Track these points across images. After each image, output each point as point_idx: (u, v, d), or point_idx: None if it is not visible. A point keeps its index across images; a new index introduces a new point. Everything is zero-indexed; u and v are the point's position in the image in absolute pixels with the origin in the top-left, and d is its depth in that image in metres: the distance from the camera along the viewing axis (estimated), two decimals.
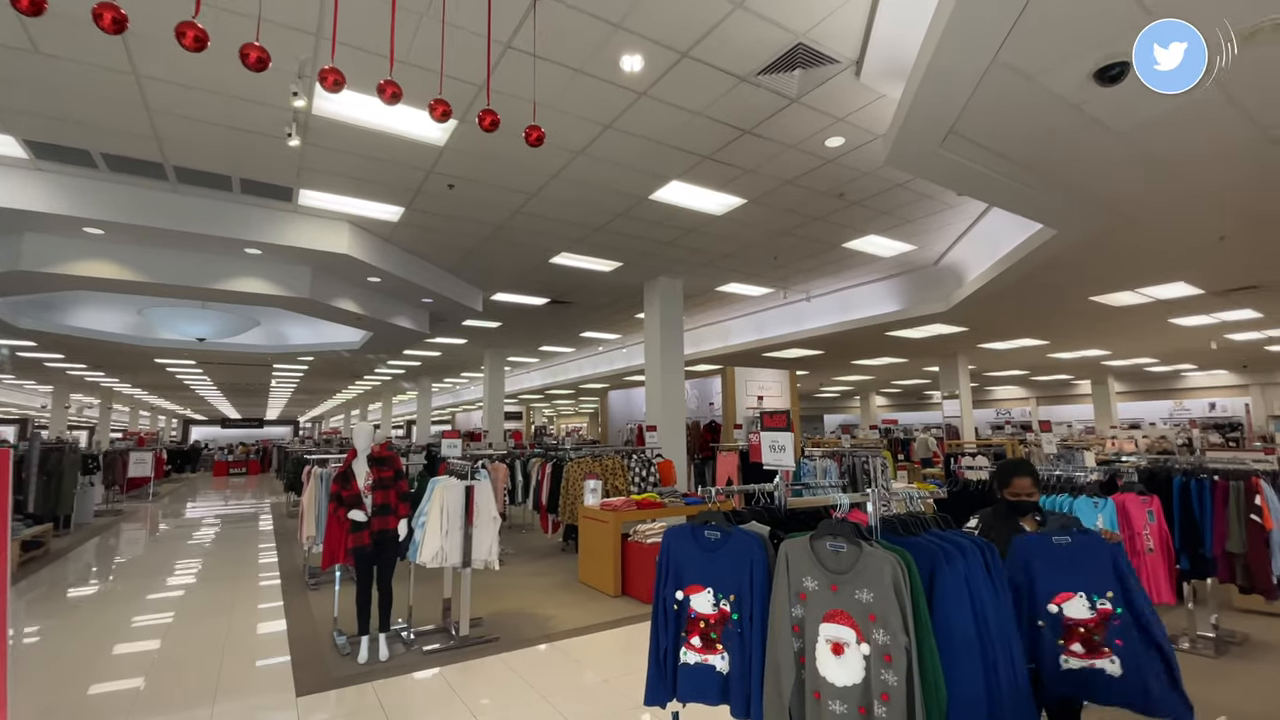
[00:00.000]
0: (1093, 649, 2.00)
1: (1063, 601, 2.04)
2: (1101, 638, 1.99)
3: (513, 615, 5.10)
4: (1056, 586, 2.05)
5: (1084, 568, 2.04)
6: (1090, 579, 2.03)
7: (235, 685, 3.83)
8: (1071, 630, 2.03)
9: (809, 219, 6.84)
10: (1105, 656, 1.98)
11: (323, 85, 2.43)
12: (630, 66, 4.03)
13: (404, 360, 16.87)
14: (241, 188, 5.88)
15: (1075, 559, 2.06)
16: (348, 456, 4.39)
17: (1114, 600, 2.00)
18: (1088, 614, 2.01)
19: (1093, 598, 2.01)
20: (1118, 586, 2.00)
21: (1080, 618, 2.02)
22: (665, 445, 8.39)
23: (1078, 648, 2.02)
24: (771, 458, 2.69)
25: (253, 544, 8.69)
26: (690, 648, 2.02)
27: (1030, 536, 2.19)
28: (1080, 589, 2.03)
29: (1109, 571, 2.02)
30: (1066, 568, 2.06)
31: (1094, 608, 2.00)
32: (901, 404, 30.00)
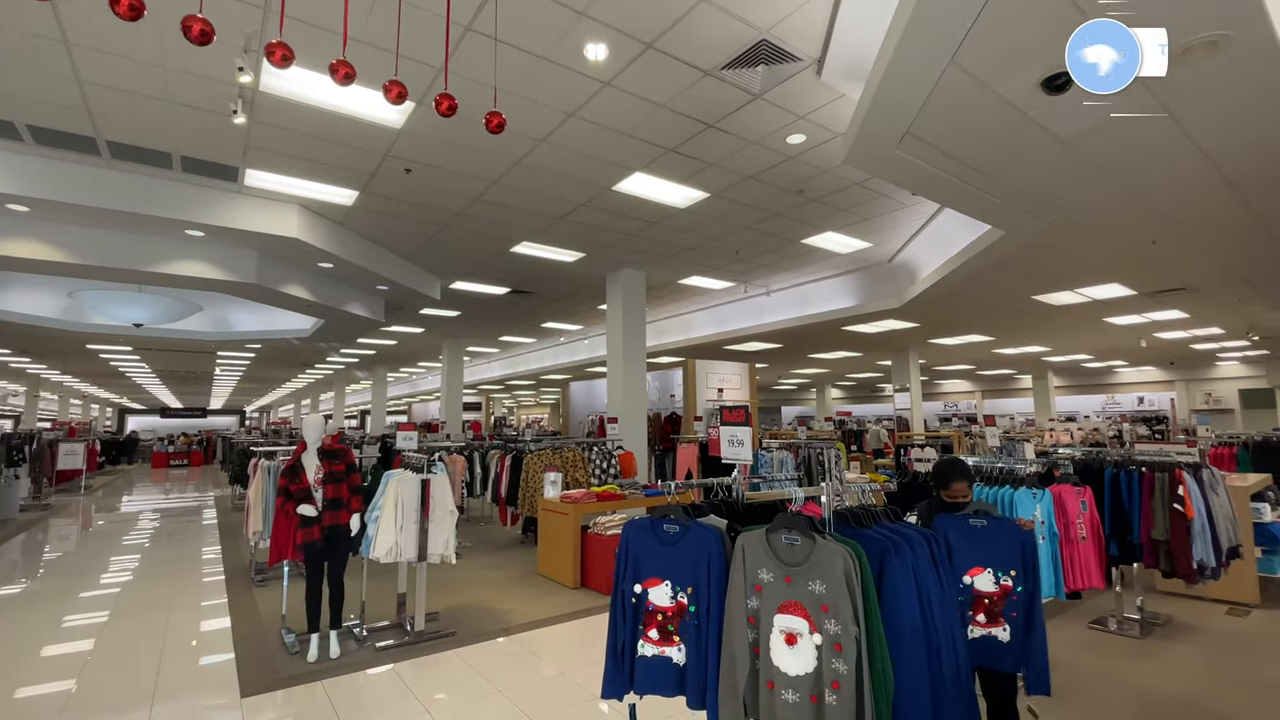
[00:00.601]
0: (992, 619, 2.25)
1: (975, 575, 2.27)
2: (1000, 609, 2.24)
3: (470, 609, 5.05)
4: (971, 562, 2.27)
5: (995, 548, 2.27)
6: (999, 558, 2.26)
7: (175, 685, 3.68)
8: (978, 601, 2.26)
9: (770, 214, 6.92)
10: (1000, 625, 2.24)
11: (270, 61, 2.32)
12: (594, 55, 3.98)
13: (358, 349, 16.39)
14: (183, 166, 5.58)
15: (988, 539, 2.28)
16: (297, 449, 4.25)
17: (1016, 579, 2.24)
18: (993, 588, 2.25)
19: (998, 574, 2.25)
20: (1020, 567, 2.24)
21: (987, 590, 2.25)
22: (626, 437, 8.41)
23: (981, 618, 2.26)
24: (730, 452, 2.72)
25: (195, 539, 8.34)
26: (648, 640, 2.04)
27: (951, 516, 2.40)
28: (990, 565, 2.26)
29: (1017, 553, 2.26)
30: (980, 546, 2.28)
31: (998, 583, 2.25)
32: (856, 396, 30.86)
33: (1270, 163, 4.38)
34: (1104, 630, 4.43)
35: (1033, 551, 2.28)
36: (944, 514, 2.43)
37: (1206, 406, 20.30)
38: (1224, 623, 4.62)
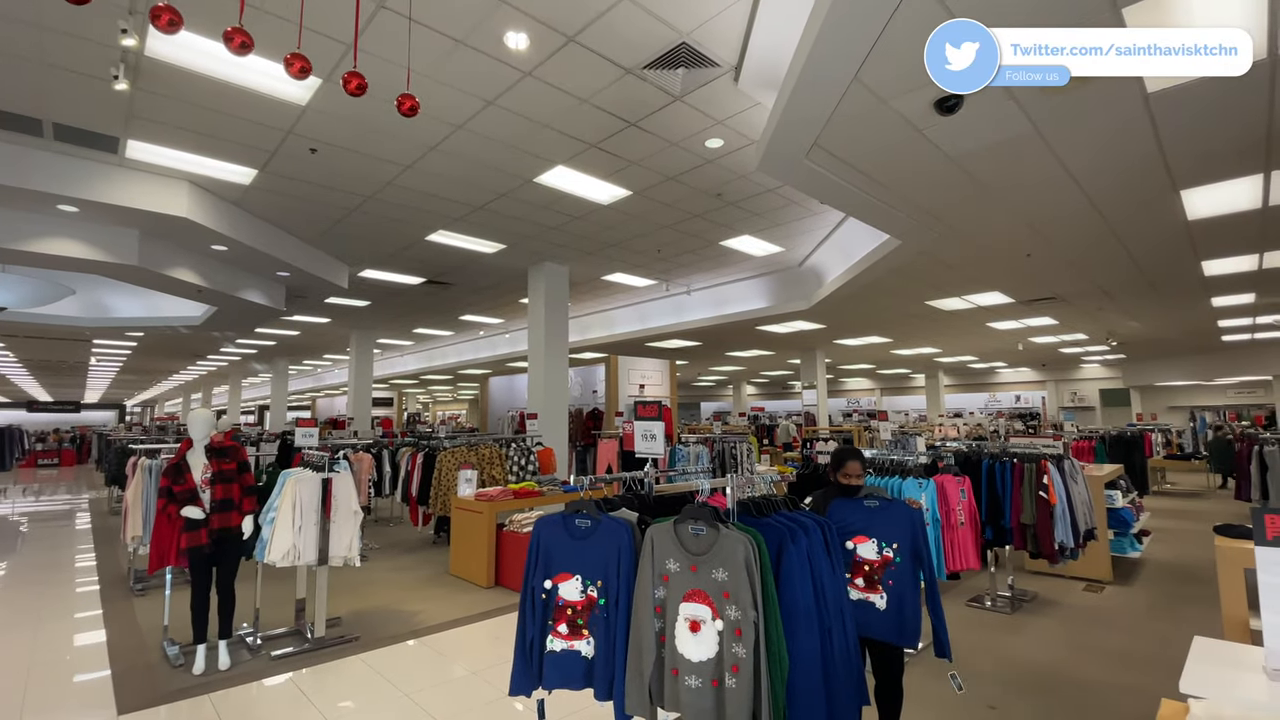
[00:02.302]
0: (870, 585, 2.46)
1: (859, 543, 2.49)
2: (879, 577, 2.46)
3: (376, 612, 4.86)
4: (857, 531, 2.51)
5: (883, 524, 2.50)
6: (885, 532, 2.49)
7: (45, 705, 3.32)
8: (859, 567, 2.49)
9: (690, 215, 7.08)
10: (877, 592, 2.45)
11: (155, 24, 2.15)
12: (515, 44, 3.92)
13: (256, 339, 15.27)
14: (55, 134, 4.98)
15: (878, 516, 2.51)
16: (181, 446, 3.92)
17: (898, 551, 2.46)
18: (874, 556, 2.47)
19: (881, 545, 2.48)
20: (906, 542, 2.47)
21: (868, 558, 2.48)
22: (547, 433, 8.34)
23: (860, 582, 2.48)
24: (643, 446, 2.78)
25: (67, 545, 7.51)
26: (557, 635, 2.06)
27: (847, 500, 2.62)
28: (874, 536, 2.49)
29: (905, 530, 2.48)
30: (869, 521, 2.51)
31: (880, 553, 2.47)
32: (769, 393, 32.10)
33: (1127, 186, 4.96)
34: (980, 607, 4.88)
35: (921, 529, 2.50)
36: (841, 499, 2.61)
37: (1072, 404, 22.73)
38: (1082, 598, 5.20)
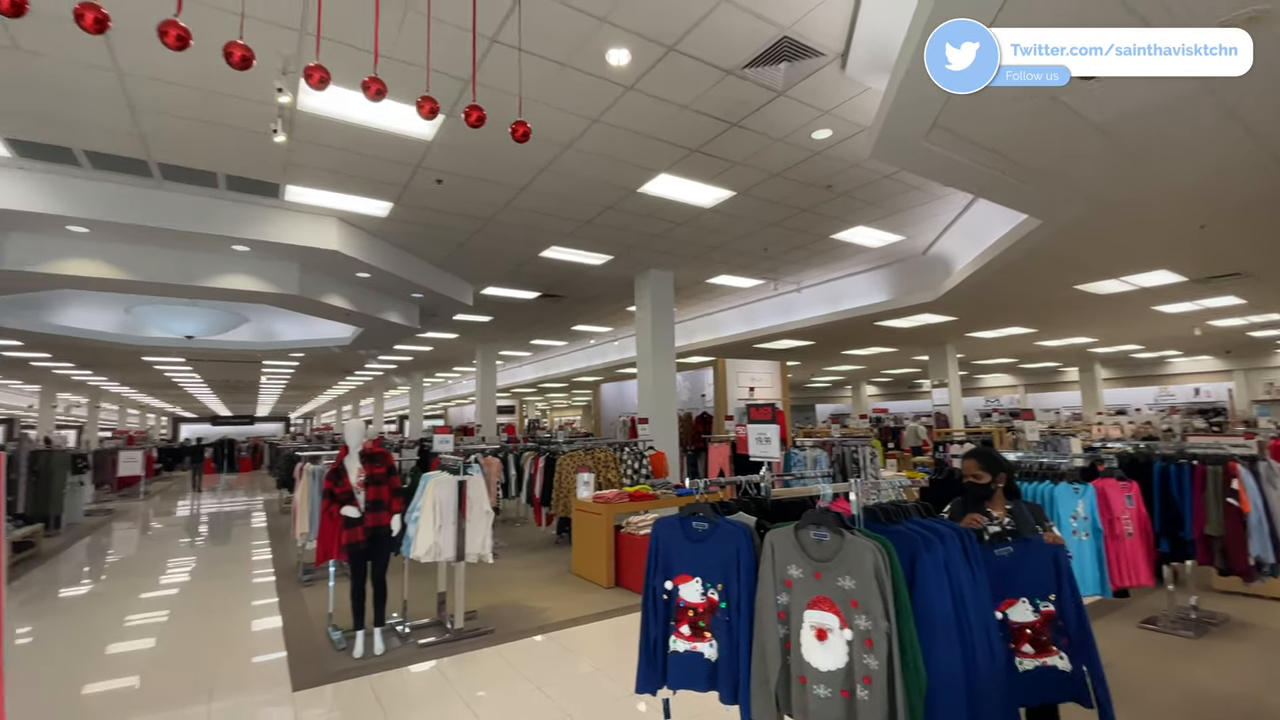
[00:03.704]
0: (1041, 648, 2.05)
1: (1007, 608, 2.07)
2: (1048, 637, 2.05)
3: (507, 608, 5.15)
4: (1001, 595, 2.07)
5: (1025, 574, 2.08)
6: (1032, 584, 2.07)
7: (231, 682, 3.85)
8: (1019, 633, 2.07)
9: (797, 211, 6.88)
10: (1054, 654, 2.04)
11: (308, 83, 2.43)
12: (617, 60, 4.03)
13: (395, 355, 16.81)
14: (227, 184, 5.84)
15: (1017, 567, 2.09)
16: (339, 453, 4.41)
17: (1055, 602, 2.05)
18: (1032, 616, 2.06)
19: (1035, 601, 2.06)
20: (1058, 588, 2.06)
21: (1025, 620, 2.06)
22: (657, 437, 8.44)
23: (1028, 649, 2.07)
24: (758, 449, 2.73)
25: (246, 541, 8.69)
26: (679, 636, 2.07)
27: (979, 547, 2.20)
28: (1022, 594, 2.07)
29: (1050, 575, 2.07)
30: (1009, 576, 2.08)
31: (1037, 610, 2.06)
32: (892, 393, 30.24)
33: None
34: (1155, 630, 4.27)
35: (1068, 567, 2.10)
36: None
37: (1268, 397, 19.28)
38: None
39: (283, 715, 3.40)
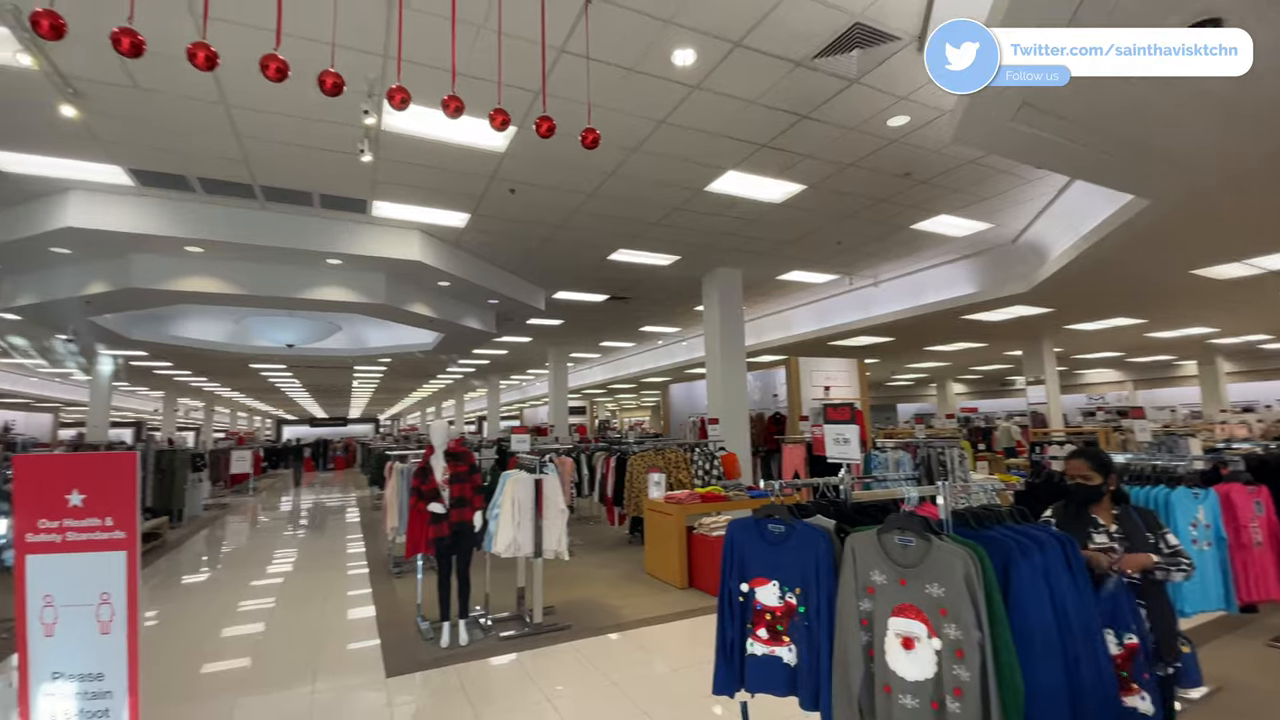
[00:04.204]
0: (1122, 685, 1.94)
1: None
2: (1129, 673, 1.96)
3: (583, 604, 5.24)
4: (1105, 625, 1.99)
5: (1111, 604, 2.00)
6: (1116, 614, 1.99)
7: (331, 666, 4.13)
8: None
9: (874, 201, 6.62)
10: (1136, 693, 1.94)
11: (390, 104, 2.58)
12: (682, 61, 4.02)
13: (473, 359, 17.50)
14: (321, 203, 6.28)
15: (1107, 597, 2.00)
16: (426, 452, 4.64)
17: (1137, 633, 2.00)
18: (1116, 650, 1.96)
19: (1120, 633, 1.98)
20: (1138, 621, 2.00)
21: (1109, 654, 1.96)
22: (728, 438, 8.35)
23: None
24: (836, 450, 2.65)
25: (342, 535, 9.30)
26: (757, 639, 2.04)
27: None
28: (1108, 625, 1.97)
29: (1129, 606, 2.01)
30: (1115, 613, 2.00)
31: (1121, 643, 1.97)
32: (982, 391, 28.52)
33: None
34: None
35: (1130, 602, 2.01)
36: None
37: None
38: None
39: (378, 699, 3.61)
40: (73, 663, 2.00)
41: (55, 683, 1.99)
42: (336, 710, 3.50)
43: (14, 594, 2.02)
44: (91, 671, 2.01)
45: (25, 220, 5.98)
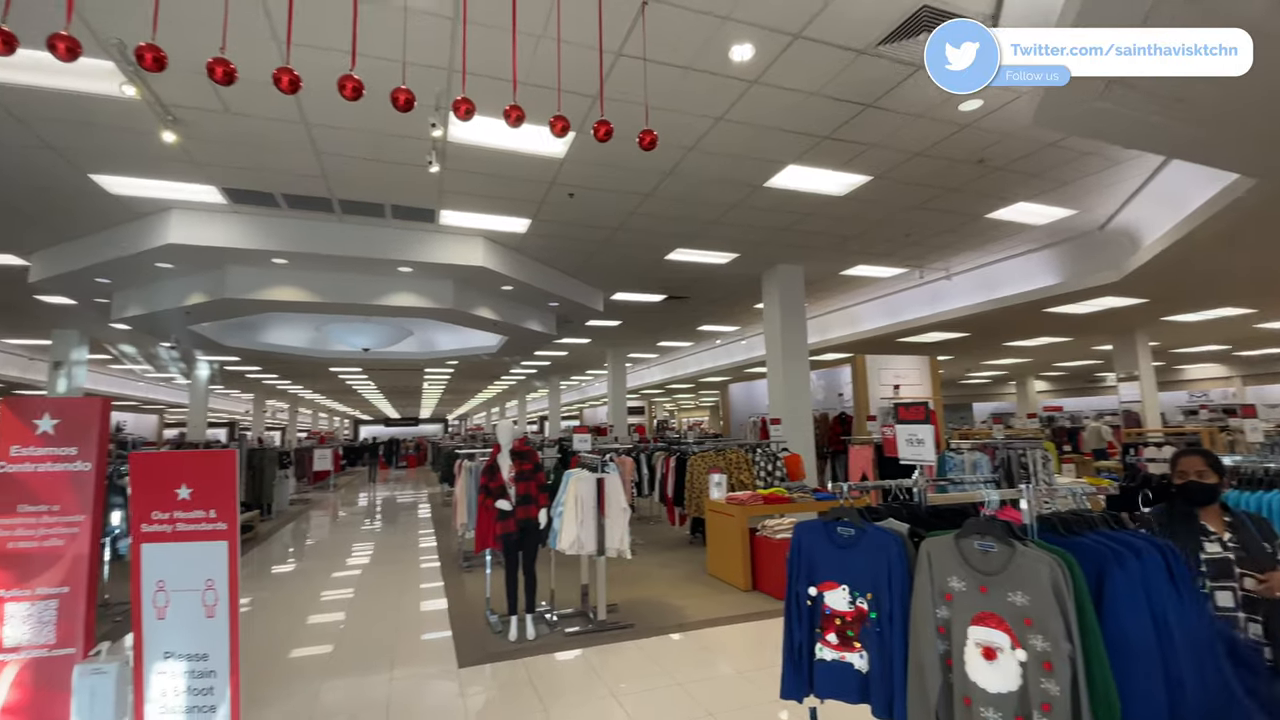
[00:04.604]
0: None
1: None
2: None
3: (645, 603, 5.26)
4: None
5: None
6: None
7: (407, 655, 4.32)
8: None
9: (944, 191, 6.33)
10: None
11: (456, 115, 2.67)
12: (740, 56, 3.98)
13: (535, 360, 17.90)
14: (393, 213, 6.58)
15: None
16: (493, 451, 4.78)
17: None
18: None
19: None
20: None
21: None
22: (791, 439, 8.19)
23: None
24: (909, 452, 2.55)
25: (414, 529, 9.72)
26: (826, 644, 1.99)
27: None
28: None
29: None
30: None
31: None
32: (1067, 388, 26.78)
33: None
34: None
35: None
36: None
37: None
38: None
39: (451, 689, 3.75)
40: (182, 643, 2.19)
41: (166, 661, 2.19)
42: (413, 697, 3.66)
43: (130, 580, 2.22)
44: (198, 652, 2.19)
45: (133, 238, 6.57)
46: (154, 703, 2.17)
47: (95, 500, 2.34)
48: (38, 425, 2.30)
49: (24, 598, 2.24)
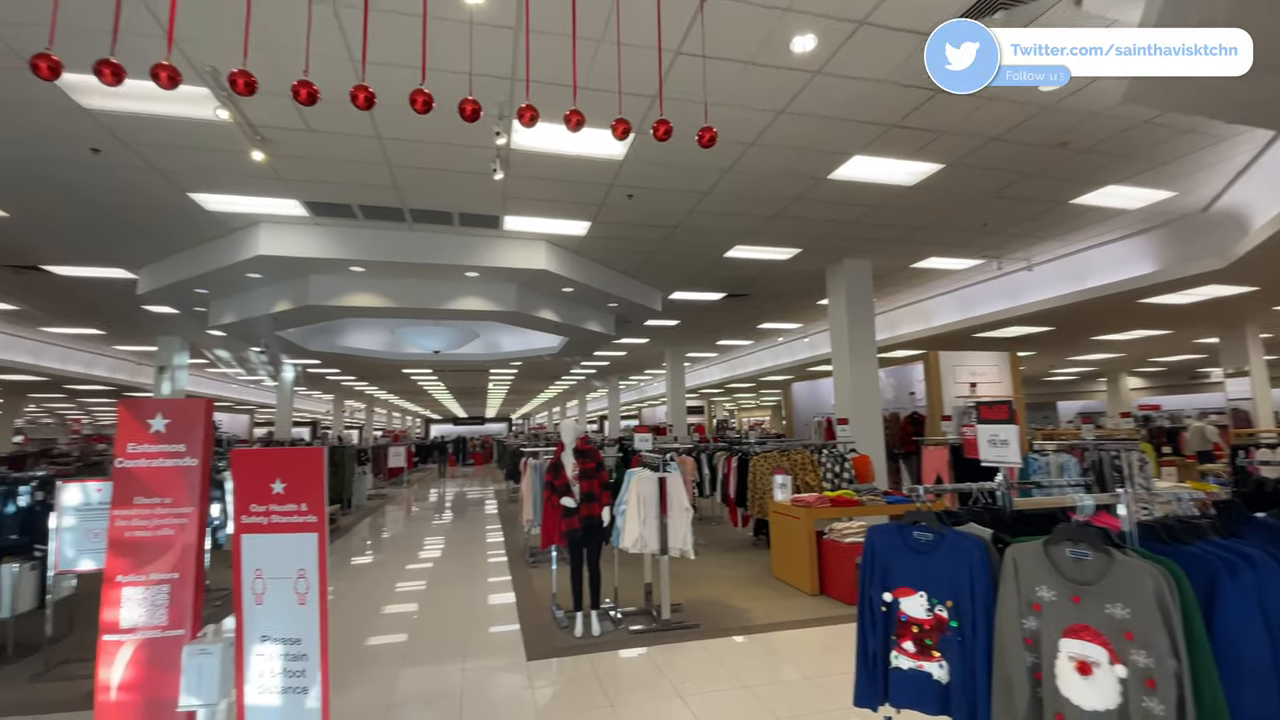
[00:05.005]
0: None
1: None
2: None
3: (709, 604, 5.23)
4: None
5: None
6: None
7: (477, 646, 4.47)
8: None
9: (1023, 176, 5.98)
10: None
11: (520, 122, 2.74)
12: (802, 48, 3.89)
13: (594, 361, 18.12)
14: (460, 221, 6.83)
15: None
16: (557, 449, 4.88)
17: None
18: None
19: None
20: None
21: None
22: (859, 439, 7.94)
23: None
24: (991, 453, 2.42)
25: (482, 525, 10.04)
26: (902, 652, 1.92)
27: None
28: None
29: None
30: None
31: None
32: (1165, 385, 24.74)
33: None
34: None
35: None
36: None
37: None
38: None
39: (520, 681, 3.85)
40: (277, 628, 2.35)
41: (264, 644, 2.35)
42: (484, 688, 3.77)
43: (231, 568, 2.40)
44: (292, 636, 2.35)
45: (227, 251, 7.09)
46: (253, 682, 2.33)
47: (201, 493, 2.55)
48: (151, 424, 2.53)
49: (139, 583, 2.47)
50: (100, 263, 7.99)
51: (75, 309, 10.78)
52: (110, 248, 7.40)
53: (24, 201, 5.98)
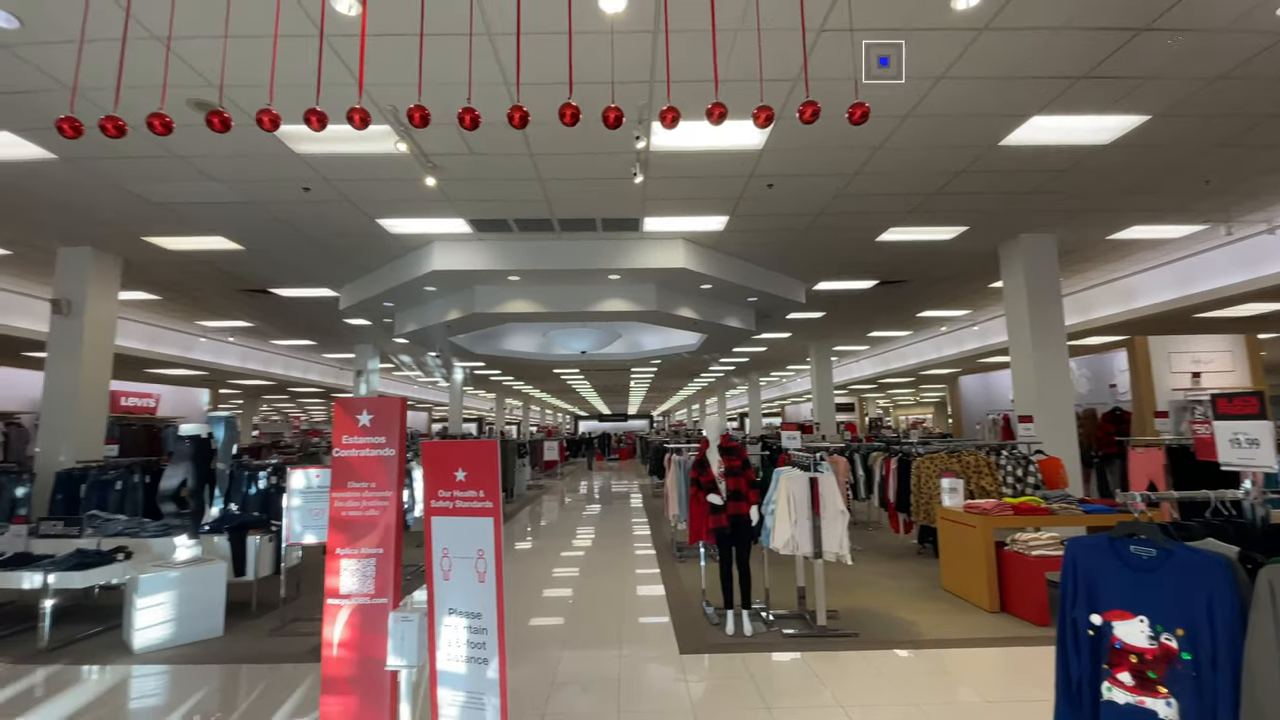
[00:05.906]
0: None
1: None
2: None
3: (869, 613, 4.93)
4: None
5: None
6: None
7: (631, 635, 4.60)
8: None
9: (1258, 120, 4.90)
10: None
11: (662, 124, 2.76)
12: (964, 3, 3.51)
13: (734, 357, 17.90)
14: (603, 226, 7.10)
15: None
16: (701, 446, 4.88)
17: None
18: None
19: None
20: None
21: None
22: (1046, 439, 7.02)
23: None
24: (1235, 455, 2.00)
25: (628, 517, 10.36)
26: (1117, 684, 1.65)
27: None
28: None
29: None
30: None
31: None
32: None
33: None
34: None
35: None
36: None
37: None
38: None
39: (673, 673, 3.90)
40: (462, 602, 2.61)
41: (451, 616, 2.62)
42: (639, 676, 3.88)
43: (423, 546, 2.70)
44: (474, 611, 2.60)
45: (407, 268, 8.02)
46: (443, 650, 2.61)
47: (398, 480, 2.90)
48: (359, 420, 2.93)
49: (353, 555, 2.87)
50: (312, 284, 9.44)
51: (294, 324, 12.85)
52: (319, 271, 8.71)
53: (254, 236, 7.23)
